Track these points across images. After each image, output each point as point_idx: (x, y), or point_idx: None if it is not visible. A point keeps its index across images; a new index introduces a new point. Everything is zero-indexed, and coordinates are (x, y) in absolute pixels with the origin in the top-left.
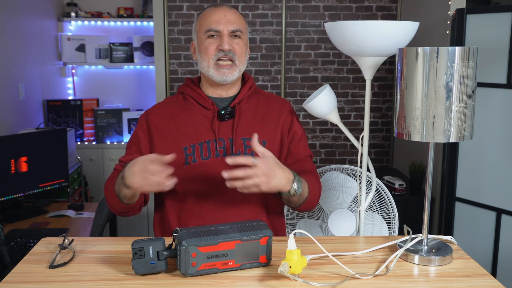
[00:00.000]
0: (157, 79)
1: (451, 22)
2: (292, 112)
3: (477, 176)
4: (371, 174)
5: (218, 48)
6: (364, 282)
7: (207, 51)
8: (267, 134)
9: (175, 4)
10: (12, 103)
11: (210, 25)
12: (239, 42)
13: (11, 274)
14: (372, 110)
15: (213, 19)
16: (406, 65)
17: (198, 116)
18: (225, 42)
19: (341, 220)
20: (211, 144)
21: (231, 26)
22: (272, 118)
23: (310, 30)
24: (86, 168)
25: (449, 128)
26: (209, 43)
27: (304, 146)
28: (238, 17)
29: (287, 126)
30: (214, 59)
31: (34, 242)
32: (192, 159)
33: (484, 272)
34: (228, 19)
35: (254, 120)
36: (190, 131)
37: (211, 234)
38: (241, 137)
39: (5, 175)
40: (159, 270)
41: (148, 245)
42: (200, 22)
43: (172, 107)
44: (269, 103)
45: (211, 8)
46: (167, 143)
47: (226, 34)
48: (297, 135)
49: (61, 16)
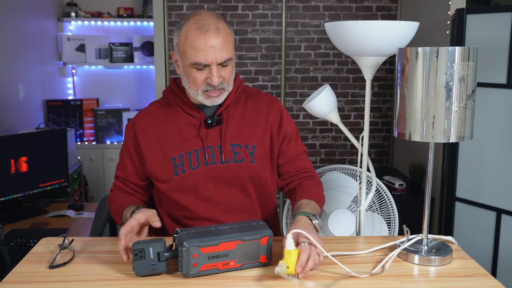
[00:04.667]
0: (157, 79)
1: (451, 22)
2: (281, 110)
3: (477, 176)
4: (371, 174)
5: (207, 81)
6: (364, 282)
7: (195, 82)
8: (256, 138)
9: (175, 4)
10: (12, 103)
11: (197, 59)
12: (228, 69)
13: (11, 274)
14: (372, 110)
15: (200, 50)
16: (406, 65)
17: (185, 124)
18: (214, 76)
19: (341, 220)
20: (200, 152)
21: (220, 58)
22: (260, 119)
23: (310, 30)
24: (86, 168)
25: (449, 128)
26: (197, 75)
27: (296, 144)
28: (225, 40)
29: (276, 126)
30: (203, 89)
31: (34, 242)
32: (182, 169)
33: (484, 272)
34: (216, 49)
35: (242, 124)
36: (177, 140)
37: (212, 235)
38: (230, 143)
39: (5, 175)
40: (160, 271)
41: (149, 246)
42: (185, 47)
43: (157, 114)
44: (257, 102)
45: (196, 32)
46: (155, 153)
47: (214, 67)
48: (287, 135)
49: (61, 16)
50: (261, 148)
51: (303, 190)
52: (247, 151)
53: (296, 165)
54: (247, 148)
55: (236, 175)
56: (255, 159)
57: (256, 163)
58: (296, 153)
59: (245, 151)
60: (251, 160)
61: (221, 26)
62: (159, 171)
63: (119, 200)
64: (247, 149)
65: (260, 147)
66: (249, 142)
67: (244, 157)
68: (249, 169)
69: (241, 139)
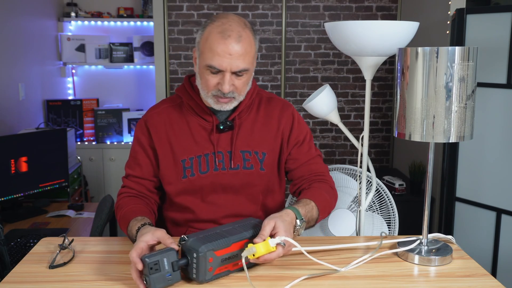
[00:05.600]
0: (157, 79)
1: (451, 22)
2: (293, 115)
3: (477, 176)
4: (371, 174)
5: (218, 86)
6: (364, 282)
7: (207, 84)
8: (267, 145)
9: (175, 4)
10: (12, 103)
11: (212, 61)
12: (242, 79)
13: (11, 274)
14: (372, 110)
15: (217, 54)
16: (406, 65)
17: (197, 127)
18: (225, 83)
19: (341, 220)
20: (210, 157)
21: (235, 67)
22: (272, 125)
23: (310, 30)
24: (86, 168)
25: (449, 128)
26: (210, 78)
27: (309, 148)
28: (245, 49)
29: (287, 133)
30: (213, 93)
31: (34, 242)
32: (190, 172)
33: (484, 272)
34: (233, 57)
35: (253, 130)
36: (189, 143)
37: (222, 237)
38: (240, 149)
39: (5, 175)
40: (175, 282)
41: (163, 258)
42: (204, 47)
43: (170, 113)
44: (270, 108)
45: (217, 35)
46: (166, 153)
47: (228, 75)
48: (299, 140)
49: (61, 16)
50: (272, 155)
51: (310, 190)
52: (257, 158)
53: (308, 169)
54: (257, 155)
55: (245, 182)
56: (265, 167)
57: (266, 170)
58: (308, 157)
59: (255, 158)
60: (261, 167)
61: (245, 34)
62: (168, 172)
63: (127, 208)
64: (257, 156)
65: (271, 154)
66: (259, 149)
67: (254, 164)
68: (259, 176)
69: (252, 146)
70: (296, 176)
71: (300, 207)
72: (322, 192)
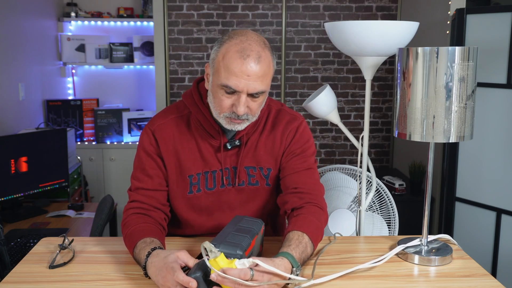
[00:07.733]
0: (157, 79)
1: (451, 22)
2: (297, 129)
3: (477, 176)
4: (371, 174)
5: (232, 108)
6: (363, 282)
7: (220, 105)
8: (271, 160)
9: (175, 4)
10: (12, 103)
11: (228, 81)
12: (258, 100)
13: (11, 274)
14: (372, 110)
15: (234, 74)
16: (406, 65)
17: (204, 143)
18: (241, 106)
19: (341, 220)
20: (217, 174)
21: (252, 89)
22: (276, 139)
23: (310, 30)
24: (86, 168)
25: (449, 128)
26: (224, 98)
27: (303, 162)
28: (264, 71)
29: (286, 145)
30: (226, 115)
31: (34, 242)
32: (197, 188)
33: (484, 272)
34: (250, 79)
35: (259, 146)
36: (196, 158)
37: (243, 234)
38: (245, 165)
39: (5, 175)
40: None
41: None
42: (220, 65)
43: (178, 125)
44: (277, 120)
45: (236, 54)
46: (173, 166)
47: (244, 96)
48: (295, 152)
49: (61, 16)
50: (276, 170)
51: (298, 219)
52: (261, 173)
53: (293, 181)
54: (262, 171)
55: (250, 197)
56: (271, 182)
57: (272, 186)
58: (295, 170)
59: (259, 174)
60: (266, 183)
61: (264, 55)
62: (173, 186)
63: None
64: (262, 172)
65: (275, 169)
66: (264, 165)
67: (259, 180)
68: (264, 192)
69: (257, 162)
70: (282, 186)
71: (293, 249)
72: (311, 219)
